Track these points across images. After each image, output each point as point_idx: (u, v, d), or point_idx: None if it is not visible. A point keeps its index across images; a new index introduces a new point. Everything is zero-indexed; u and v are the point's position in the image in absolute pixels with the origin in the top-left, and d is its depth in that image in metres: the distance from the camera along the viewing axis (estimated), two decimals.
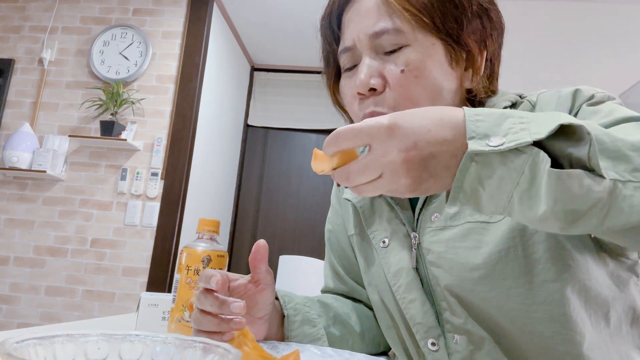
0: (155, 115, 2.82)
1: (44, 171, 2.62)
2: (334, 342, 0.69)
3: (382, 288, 0.67)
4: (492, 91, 0.64)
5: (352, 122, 0.69)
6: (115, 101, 2.70)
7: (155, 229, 2.68)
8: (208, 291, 0.55)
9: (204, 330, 0.54)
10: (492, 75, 0.64)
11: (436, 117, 0.40)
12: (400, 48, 0.57)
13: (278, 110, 4.00)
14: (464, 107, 0.40)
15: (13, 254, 2.72)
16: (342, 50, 0.63)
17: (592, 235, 0.54)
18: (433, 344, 0.59)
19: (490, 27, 0.61)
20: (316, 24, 0.69)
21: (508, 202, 0.37)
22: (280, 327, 0.67)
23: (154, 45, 2.89)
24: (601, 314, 0.54)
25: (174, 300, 0.64)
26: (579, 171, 0.35)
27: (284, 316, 0.67)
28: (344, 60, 0.63)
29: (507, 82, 0.74)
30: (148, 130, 2.80)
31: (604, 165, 0.35)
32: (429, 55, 0.56)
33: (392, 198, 0.66)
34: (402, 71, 0.56)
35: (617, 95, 2.62)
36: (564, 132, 0.37)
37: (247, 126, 4.01)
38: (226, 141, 3.55)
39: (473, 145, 0.37)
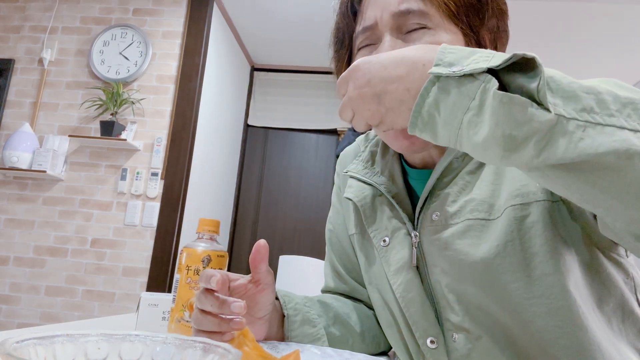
0: (155, 115, 2.82)
1: (44, 171, 2.63)
2: (334, 342, 0.69)
3: (383, 287, 0.67)
4: None
5: None
6: (115, 101, 2.70)
7: (155, 229, 2.68)
8: (208, 291, 0.55)
9: (204, 330, 0.54)
10: None
11: (398, 57, 0.44)
12: (422, 29, 0.58)
13: (278, 110, 4.00)
14: (443, 44, 0.42)
15: (13, 254, 2.72)
16: (361, 30, 0.62)
17: (586, 231, 0.54)
18: (432, 342, 0.59)
19: (503, 31, 0.64)
20: (318, 25, 0.69)
21: (458, 129, 0.38)
22: (280, 327, 0.67)
23: (154, 45, 2.89)
24: (592, 309, 0.54)
25: (174, 300, 0.64)
26: (523, 98, 0.35)
27: (284, 316, 0.67)
28: (361, 40, 0.63)
29: None
30: (148, 130, 2.80)
31: (553, 101, 0.36)
32: (452, 42, 0.58)
33: (392, 197, 0.66)
34: None
35: None
36: (522, 67, 0.38)
37: (247, 126, 4.01)
38: (226, 141, 3.55)
39: (435, 69, 0.39)
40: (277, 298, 0.67)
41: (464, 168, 0.61)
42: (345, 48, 0.66)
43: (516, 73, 0.38)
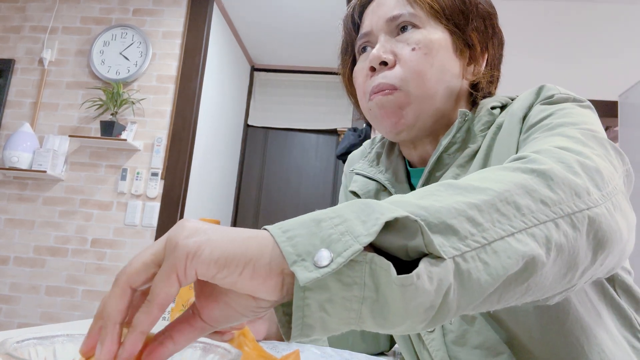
0: (155, 115, 2.82)
1: (44, 171, 2.62)
2: (334, 342, 0.69)
3: None
4: (490, 94, 0.69)
5: (361, 113, 0.72)
6: (116, 101, 2.70)
7: (155, 229, 2.68)
8: None
9: None
10: (491, 81, 0.69)
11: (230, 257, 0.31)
12: (412, 28, 0.63)
13: (278, 110, 4.00)
14: (268, 229, 0.32)
15: (13, 254, 2.72)
16: (360, 37, 0.69)
17: None
18: None
19: (492, 33, 0.68)
20: (318, 25, 0.71)
21: (359, 318, 0.31)
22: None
23: (154, 45, 2.89)
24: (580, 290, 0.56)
25: (174, 300, 0.64)
26: (422, 267, 0.30)
27: None
28: (360, 43, 0.69)
29: (507, 82, 0.76)
30: (148, 130, 2.80)
31: (439, 243, 0.31)
32: (438, 39, 0.63)
33: (395, 192, 0.67)
34: (413, 49, 0.62)
35: (616, 96, 2.59)
36: (391, 223, 0.32)
37: (247, 126, 4.01)
38: (226, 141, 3.55)
39: (301, 273, 0.29)
40: None
41: (454, 162, 0.63)
42: (349, 54, 0.73)
43: (385, 233, 0.32)
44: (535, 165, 0.39)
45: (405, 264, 0.32)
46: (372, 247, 0.32)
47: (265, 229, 0.32)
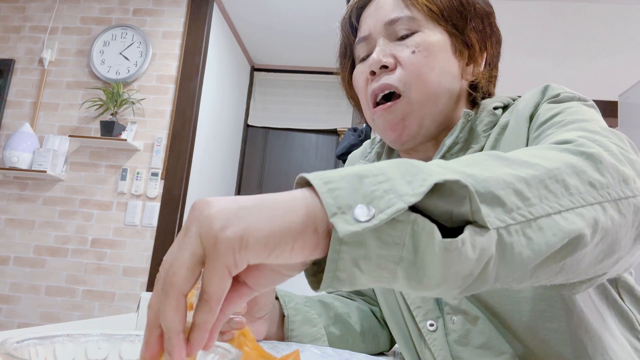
0: (155, 115, 2.82)
1: (44, 171, 2.63)
2: (334, 342, 0.69)
3: None
4: (489, 94, 0.69)
5: (362, 114, 0.72)
6: (116, 101, 2.70)
7: (155, 228, 2.68)
8: None
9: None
10: (490, 80, 0.69)
11: (267, 203, 0.31)
12: (411, 34, 0.63)
13: (278, 110, 4.00)
14: (309, 179, 0.31)
15: (13, 254, 2.72)
16: (358, 41, 0.68)
17: None
18: (431, 324, 0.61)
19: (490, 32, 0.67)
20: (317, 25, 0.71)
21: (392, 278, 0.31)
22: (280, 327, 0.67)
23: (154, 46, 2.89)
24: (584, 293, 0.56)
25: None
26: (467, 234, 0.30)
27: (284, 316, 0.67)
28: (360, 51, 0.68)
29: (507, 82, 0.77)
30: (148, 131, 2.80)
31: (486, 213, 0.31)
32: (437, 41, 0.63)
33: None
34: (413, 52, 0.62)
35: (616, 96, 2.59)
36: (438, 187, 0.31)
37: (247, 126, 4.01)
38: (226, 141, 3.55)
39: (341, 225, 0.29)
40: (277, 298, 0.68)
41: None
42: (348, 58, 0.73)
43: (431, 196, 0.31)
44: (583, 148, 0.39)
45: (444, 231, 0.31)
46: (414, 210, 0.31)
47: (303, 177, 0.32)
